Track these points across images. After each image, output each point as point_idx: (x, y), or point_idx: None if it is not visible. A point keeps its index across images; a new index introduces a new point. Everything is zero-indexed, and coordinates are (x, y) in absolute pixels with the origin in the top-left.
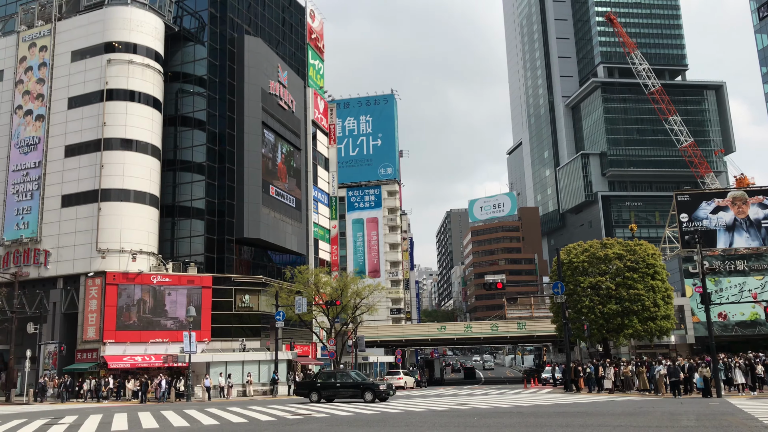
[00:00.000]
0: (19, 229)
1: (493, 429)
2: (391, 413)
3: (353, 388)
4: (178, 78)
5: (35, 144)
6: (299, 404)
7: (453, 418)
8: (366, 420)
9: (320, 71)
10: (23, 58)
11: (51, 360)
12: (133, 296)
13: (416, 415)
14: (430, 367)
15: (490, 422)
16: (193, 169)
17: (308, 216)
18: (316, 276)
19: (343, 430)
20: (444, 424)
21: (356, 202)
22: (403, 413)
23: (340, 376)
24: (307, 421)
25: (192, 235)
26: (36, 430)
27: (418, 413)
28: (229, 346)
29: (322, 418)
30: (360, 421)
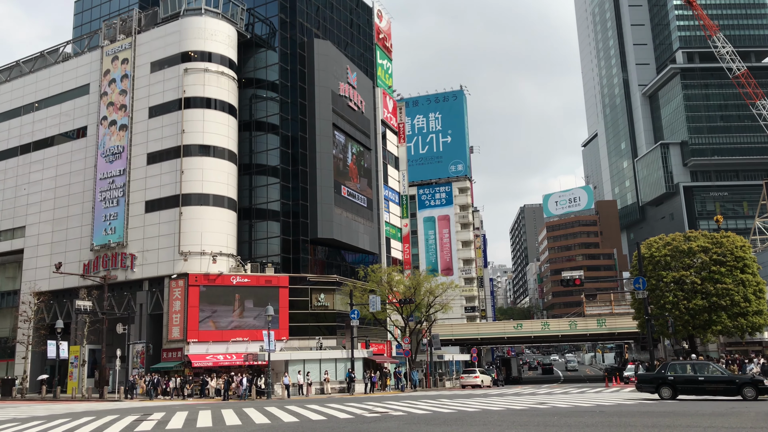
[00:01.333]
0: (107, 235)
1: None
2: (468, 411)
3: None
4: (251, 84)
5: (119, 152)
6: (376, 402)
7: (532, 417)
8: (443, 418)
9: (389, 70)
10: (107, 71)
11: (139, 359)
12: (214, 297)
13: (494, 413)
14: (507, 366)
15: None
16: (267, 173)
17: (379, 215)
18: (388, 275)
19: (421, 429)
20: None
21: (427, 200)
22: (481, 412)
23: (701, 368)
24: (384, 419)
25: (268, 236)
26: (127, 426)
27: (496, 412)
28: (306, 345)
29: (399, 416)
30: (437, 419)
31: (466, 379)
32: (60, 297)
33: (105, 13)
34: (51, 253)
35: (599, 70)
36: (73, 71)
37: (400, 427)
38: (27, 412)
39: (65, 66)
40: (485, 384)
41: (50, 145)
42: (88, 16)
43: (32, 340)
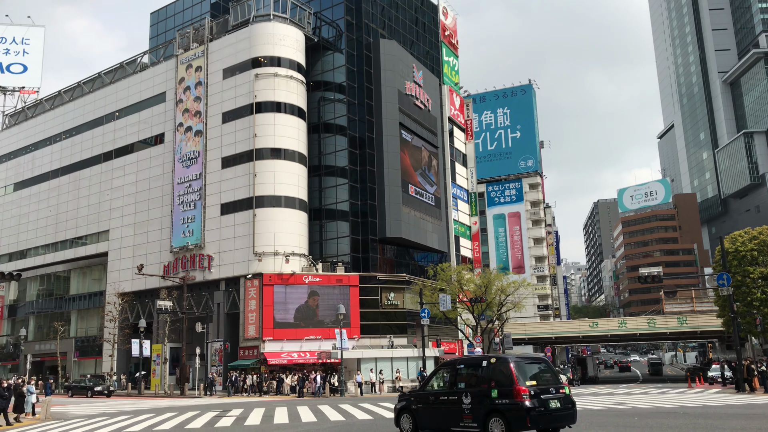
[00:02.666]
0: (185, 237)
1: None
2: None
3: None
4: (319, 87)
5: (195, 157)
6: None
7: (611, 417)
8: None
9: (455, 67)
10: (182, 79)
11: (217, 357)
12: (288, 296)
13: None
14: (583, 365)
15: (652, 423)
16: (336, 174)
17: (448, 213)
18: (458, 273)
19: None
20: (602, 424)
21: (496, 197)
22: None
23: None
24: None
25: (338, 236)
26: (208, 422)
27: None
28: (377, 343)
29: None
30: None
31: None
32: (142, 297)
33: (179, 23)
34: (133, 256)
35: (675, 58)
36: (150, 80)
37: None
38: (115, 407)
39: (142, 76)
40: None
41: (130, 151)
42: (163, 26)
43: (117, 339)
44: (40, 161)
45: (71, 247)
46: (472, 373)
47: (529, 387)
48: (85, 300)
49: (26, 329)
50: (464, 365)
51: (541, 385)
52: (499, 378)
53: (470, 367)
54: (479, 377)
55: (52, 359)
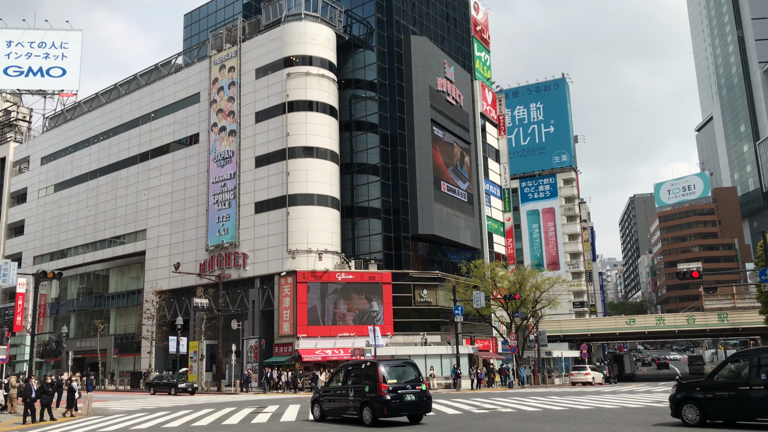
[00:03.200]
0: (221, 235)
1: None
2: (580, 409)
3: None
4: (350, 84)
5: (229, 157)
6: (483, 398)
7: (650, 416)
8: (554, 416)
9: (486, 62)
10: (215, 79)
11: (253, 354)
12: (321, 293)
13: (608, 411)
14: (620, 363)
15: None
16: (368, 171)
17: (481, 210)
18: (492, 270)
19: (531, 426)
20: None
21: (530, 193)
22: (594, 410)
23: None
24: (493, 415)
25: (370, 233)
26: (245, 418)
27: (610, 410)
28: (411, 340)
29: (508, 413)
30: (548, 416)
31: (576, 376)
32: (179, 295)
33: (212, 24)
34: (170, 254)
35: (713, 49)
36: (185, 81)
37: (510, 424)
38: (153, 403)
39: (177, 77)
40: (596, 381)
41: (166, 152)
42: (197, 28)
43: (155, 336)
44: (79, 162)
45: (110, 246)
46: (356, 374)
47: (390, 384)
48: (123, 298)
49: (68, 327)
50: (351, 367)
51: (400, 383)
52: (371, 377)
53: (355, 368)
54: (360, 377)
55: (93, 356)
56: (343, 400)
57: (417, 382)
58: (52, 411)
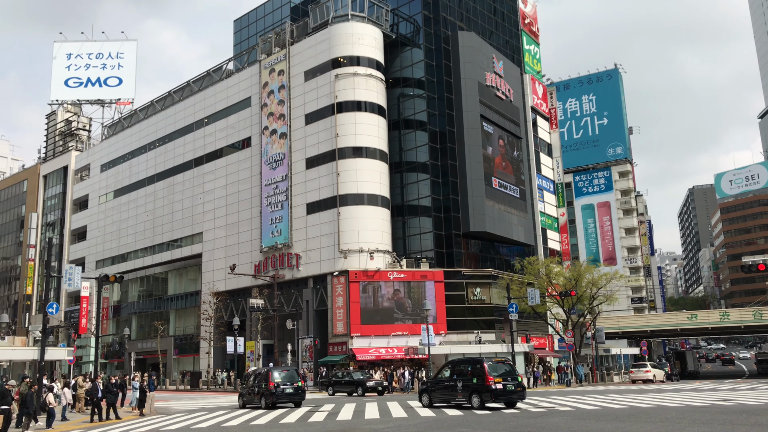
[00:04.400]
0: (274, 237)
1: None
2: (641, 408)
3: None
4: (398, 83)
5: (281, 159)
6: (540, 397)
7: (715, 414)
8: (614, 414)
9: (536, 55)
10: (265, 83)
11: (308, 353)
12: (373, 292)
13: (671, 410)
14: (682, 359)
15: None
16: (417, 169)
17: (534, 205)
18: (546, 266)
19: (590, 425)
20: (706, 421)
21: (584, 187)
22: (656, 408)
23: None
24: (551, 413)
25: (421, 232)
26: (301, 417)
27: (674, 408)
28: (464, 339)
29: (566, 412)
30: (608, 415)
31: (636, 374)
32: (235, 296)
33: (261, 29)
34: (226, 256)
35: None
36: (236, 86)
37: (569, 423)
38: (213, 402)
39: (228, 82)
40: (657, 379)
41: (219, 156)
42: (246, 33)
43: (213, 337)
44: (137, 168)
45: (168, 249)
46: (461, 369)
47: (493, 376)
48: (182, 300)
49: (129, 328)
50: (456, 363)
51: (501, 376)
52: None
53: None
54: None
55: (154, 357)
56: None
57: (514, 375)
58: (117, 410)
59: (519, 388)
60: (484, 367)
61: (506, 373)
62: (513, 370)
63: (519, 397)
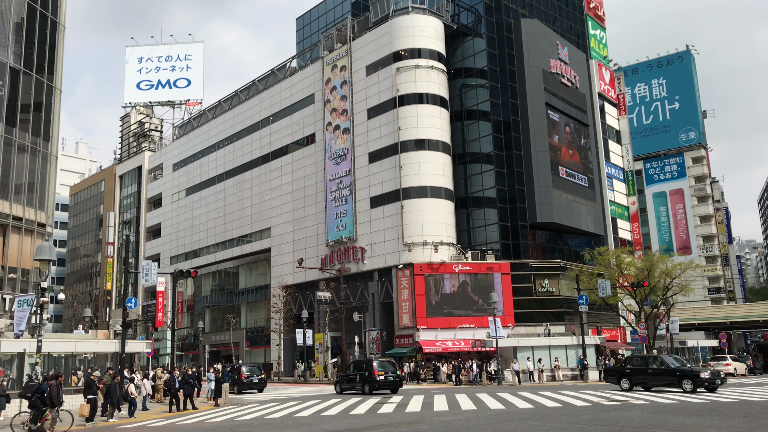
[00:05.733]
0: (339, 231)
1: None
2: (723, 402)
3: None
4: (460, 74)
5: (344, 154)
6: (613, 390)
7: None
8: (693, 408)
9: (602, 40)
10: (328, 79)
11: (375, 345)
12: (438, 285)
13: (755, 405)
14: (765, 352)
15: None
16: (481, 160)
17: (603, 194)
18: (617, 257)
19: (668, 419)
20: None
21: (655, 174)
22: (738, 402)
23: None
24: (625, 407)
25: (486, 223)
26: (371, 408)
27: (758, 403)
28: (533, 331)
29: (642, 405)
30: (686, 409)
31: (715, 367)
32: (303, 289)
33: (323, 26)
34: (293, 250)
35: None
36: (299, 83)
37: (645, 417)
38: (284, 393)
39: (292, 80)
40: (739, 372)
41: (285, 153)
42: (308, 30)
43: (283, 329)
44: (207, 167)
45: (238, 244)
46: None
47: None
48: (252, 293)
49: (203, 322)
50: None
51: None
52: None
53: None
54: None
55: (227, 349)
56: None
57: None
58: (194, 400)
59: (396, 379)
60: (372, 365)
61: (388, 369)
62: (394, 366)
63: (396, 386)
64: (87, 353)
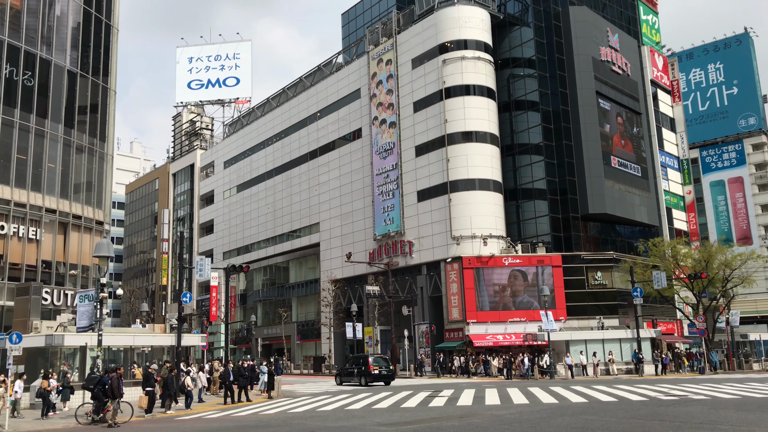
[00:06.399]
0: (386, 225)
1: None
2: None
3: None
4: (507, 64)
5: (390, 149)
6: (670, 384)
7: None
8: (757, 404)
9: (654, 25)
10: (374, 74)
11: (424, 339)
12: (488, 278)
13: None
14: None
15: None
16: (530, 151)
17: (657, 184)
18: (673, 248)
19: (730, 415)
20: None
21: (713, 162)
22: None
23: None
24: (684, 402)
25: (536, 215)
26: (422, 401)
27: None
28: (586, 324)
29: (701, 400)
30: (749, 404)
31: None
32: (352, 283)
33: (368, 20)
34: (342, 245)
35: None
36: (345, 79)
37: (705, 412)
38: (336, 387)
39: (338, 75)
40: None
41: (332, 148)
42: (353, 25)
43: (333, 323)
44: (257, 164)
45: (288, 240)
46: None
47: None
48: (302, 287)
49: (255, 315)
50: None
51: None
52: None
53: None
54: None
55: (278, 342)
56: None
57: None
58: (248, 392)
59: (389, 373)
60: (368, 360)
61: (381, 364)
62: (387, 362)
63: (389, 379)
64: (145, 347)
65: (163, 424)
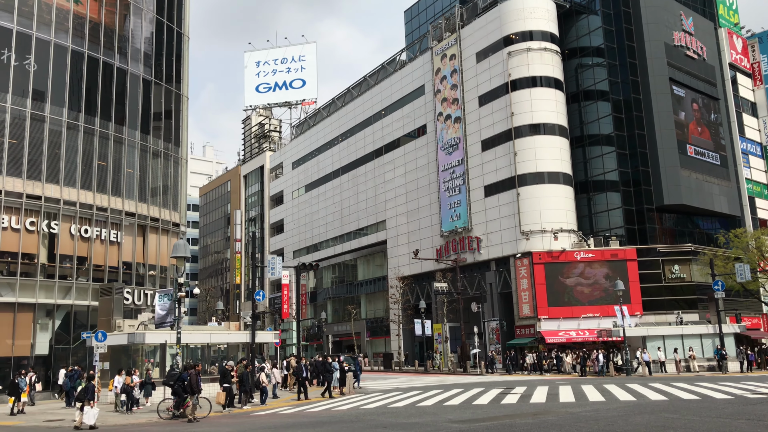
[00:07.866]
0: (453, 221)
1: None
2: None
3: None
4: (575, 54)
5: (456, 144)
6: (757, 382)
7: None
8: None
9: (732, 6)
10: (438, 69)
11: (494, 335)
12: (560, 273)
13: None
14: None
15: None
16: (601, 142)
17: (738, 172)
18: (757, 238)
19: None
20: None
21: None
22: None
23: None
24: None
25: (609, 208)
26: (494, 398)
27: None
28: (663, 320)
29: None
30: None
31: None
32: (420, 280)
33: (431, 16)
34: (408, 242)
35: None
36: (409, 76)
37: None
38: (406, 383)
39: (402, 73)
40: None
41: (397, 146)
42: (416, 22)
43: (401, 320)
44: (324, 163)
45: (355, 237)
46: None
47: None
48: (370, 285)
49: (325, 312)
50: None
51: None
52: None
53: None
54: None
55: (348, 339)
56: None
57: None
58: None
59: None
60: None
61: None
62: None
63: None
64: (221, 344)
65: (240, 419)
